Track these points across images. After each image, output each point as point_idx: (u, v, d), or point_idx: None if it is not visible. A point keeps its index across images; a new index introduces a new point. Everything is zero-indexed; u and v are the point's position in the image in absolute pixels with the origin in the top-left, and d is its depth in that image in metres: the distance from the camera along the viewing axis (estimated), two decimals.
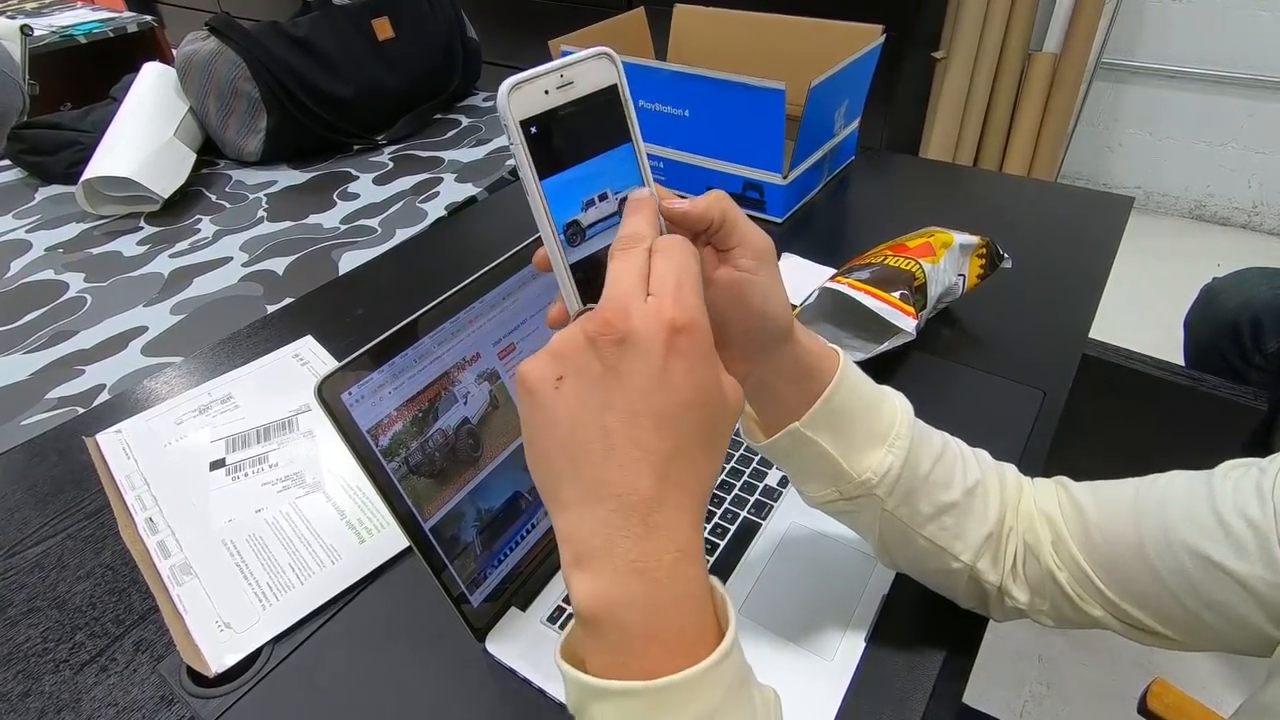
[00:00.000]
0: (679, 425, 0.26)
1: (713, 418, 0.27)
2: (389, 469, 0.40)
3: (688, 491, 0.27)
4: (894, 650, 0.44)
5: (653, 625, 0.26)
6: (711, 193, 0.32)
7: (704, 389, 0.27)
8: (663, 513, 0.26)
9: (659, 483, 0.26)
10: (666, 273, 0.27)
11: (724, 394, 0.28)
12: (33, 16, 1.97)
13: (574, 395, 0.26)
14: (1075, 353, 0.67)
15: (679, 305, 0.26)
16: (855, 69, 0.90)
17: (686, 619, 0.26)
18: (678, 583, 0.26)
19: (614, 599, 0.25)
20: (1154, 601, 0.37)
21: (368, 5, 1.15)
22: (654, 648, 0.25)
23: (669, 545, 0.26)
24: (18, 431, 0.65)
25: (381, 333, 0.39)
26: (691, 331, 0.26)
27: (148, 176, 0.98)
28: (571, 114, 0.29)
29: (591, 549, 0.26)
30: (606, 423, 0.26)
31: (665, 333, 0.26)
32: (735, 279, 0.32)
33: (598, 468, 0.26)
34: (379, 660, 0.46)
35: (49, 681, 0.46)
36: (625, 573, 0.25)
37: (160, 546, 0.53)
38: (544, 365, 0.27)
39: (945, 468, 0.39)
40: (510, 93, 0.27)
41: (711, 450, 0.28)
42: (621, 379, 0.26)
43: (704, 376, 0.27)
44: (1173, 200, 2.25)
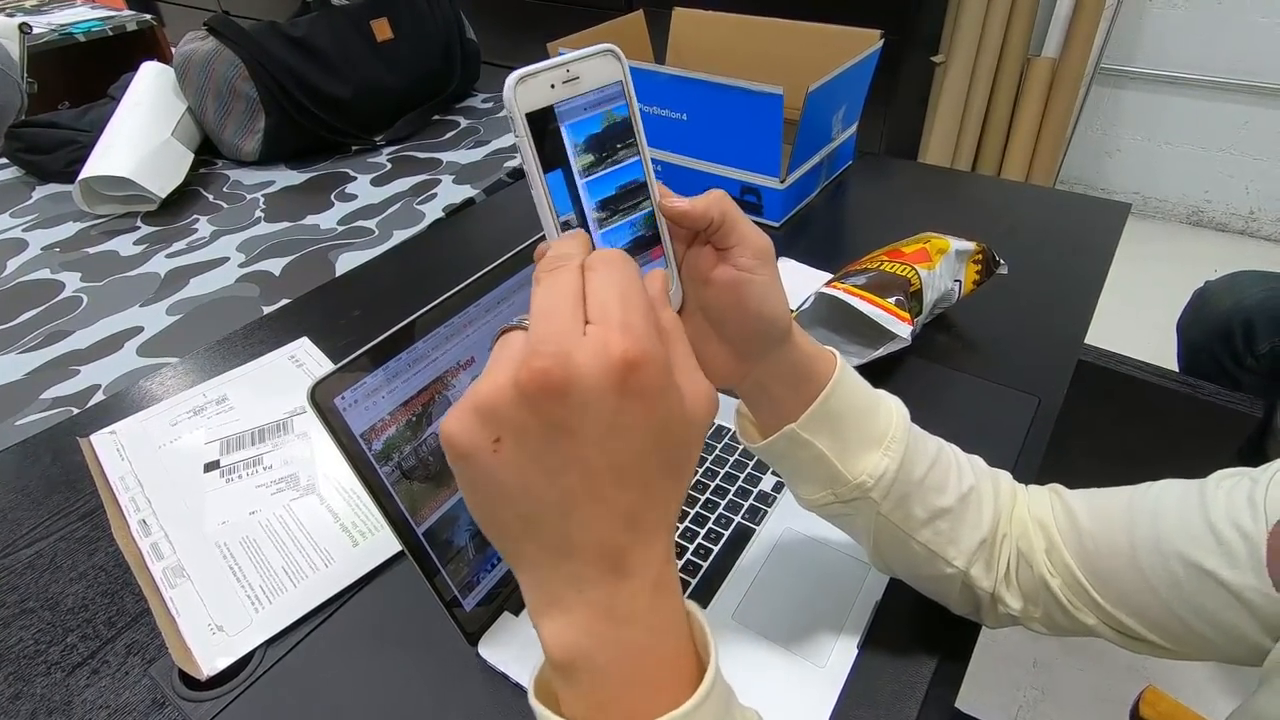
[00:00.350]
0: (642, 469, 0.24)
1: (677, 447, 0.25)
2: (382, 473, 0.40)
3: (657, 527, 0.25)
4: (887, 656, 0.44)
5: (629, 669, 0.24)
6: (712, 192, 0.32)
7: (665, 423, 0.24)
8: (634, 555, 0.24)
9: (626, 530, 0.24)
10: (608, 294, 0.23)
11: (687, 416, 0.25)
12: (32, 14, 1.97)
13: (516, 458, 0.23)
14: (1070, 360, 0.67)
15: (628, 334, 0.22)
16: (853, 74, 0.90)
17: (664, 654, 0.25)
18: (653, 621, 0.25)
19: (587, 645, 0.24)
20: (1146, 610, 0.37)
21: (367, 6, 1.15)
22: (632, 692, 0.24)
23: (642, 586, 0.24)
24: (12, 432, 0.65)
25: (377, 334, 0.39)
26: (645, 365, 0.22)
27: (145, 176, 0.97)
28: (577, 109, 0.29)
29: (560, 598, 0.24)
30: (562, 484, 0.23)
31: (616, 373, 0.22)
32: (734, 278, 0.32)
33: (558, 527, 0.24)
34: (372, 664, 0.46)
35: (40, 684, 0.46)
36: (599, 618, 0.24)
37: (153, 548, 0.53)
38: (473, 426, 0.23)
39: (940, 473, 0.39)
40: (517, 85, 0.27)
41: (679, 475, 0.26)
42: (572, 435, 0.22)
43: (664, 410, 0.24)
44: (1170, 205, 2.26)
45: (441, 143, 1.18)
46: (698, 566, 0.50)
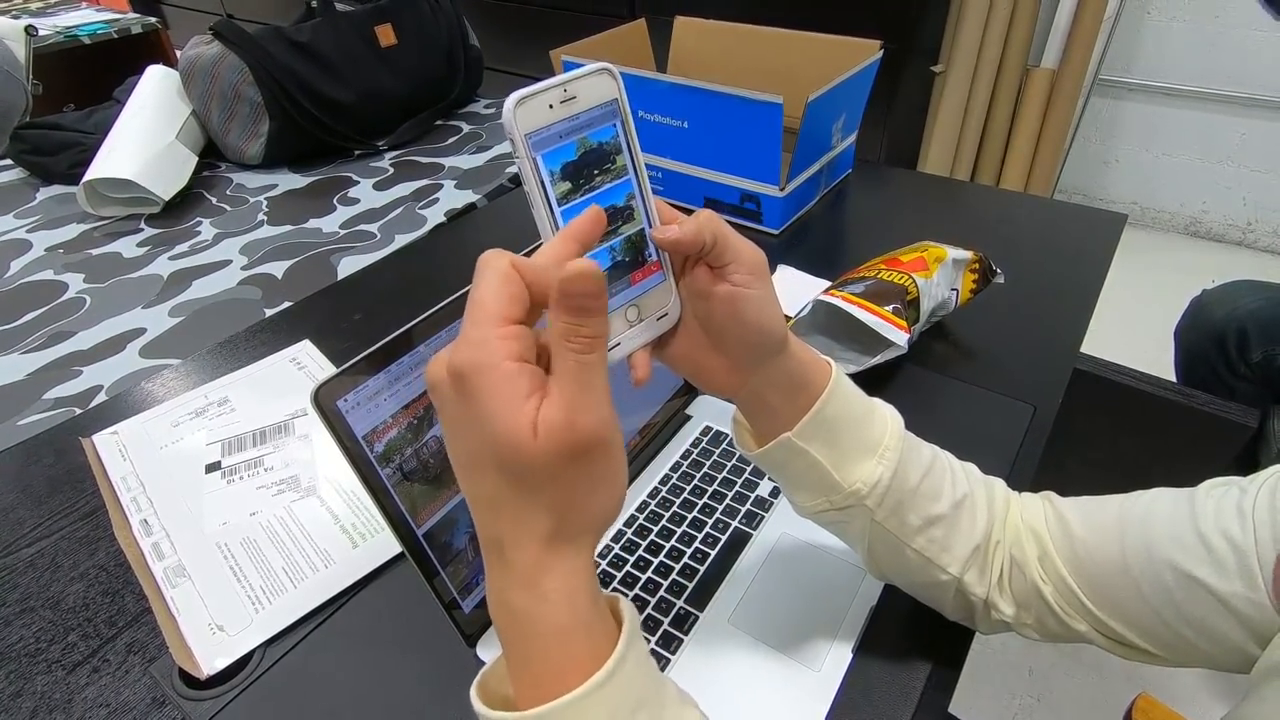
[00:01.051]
0: (483, 466, 0.26)
1: (509, 459, 0.25)
2: (383, 475, 0.41)
3: (523, 532, 0.26)
4: (881, 661, 0.45)
5: (520, 653, 0.27)
6: (701, 214, 0.32)
7: (493, 432, 0.24)
8: (505, 551, 0.27)
9: (494, 522, 0.27)
10: (467, 311, 0.26)
11: (523, 434, 0.24)
12: (37, 16, 1.98)
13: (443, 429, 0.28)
14: (1066, 369, 0.68)
15: (459, 345, 0.25)
16: (853, 84, 0.91)
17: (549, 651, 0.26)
18: (532, 622, 0.26)
19: (496, 622, 0.28)
20: (1137, 617, 0.37)
21: (371, 11, 1.16)
22: (526, 674, 0.27)
23: (517, 584, 0.27)
24: (14, 431, 0.65)
25: (378, 338, 0.40)
26: (468, 373, 0.24)
27: (149, 178, 0.98)
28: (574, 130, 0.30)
29: (487, 570, 0.28)
30: (453, 458, 0.28)
31: (448, 379, 0.25)
32: (730, 294, 0.33)
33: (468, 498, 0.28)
34: (370, 665, 0.46)
35: (41, 682, 0.46)
36: (495, 601, 0.28)
37: (154, 548, 0.53)
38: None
39: (934, 480, 0.40)
40: (516, 107, 0.28)
41: (530, 494, 0.26)
42: (443, 422, 0.27)
43: (491, 418, 0.24)
44: (1168, 216, 2.27)
45: (444, 148, 1.18)
46: (695, 570, 0.50)
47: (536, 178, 0.29)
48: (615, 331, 0.32)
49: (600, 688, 0.26)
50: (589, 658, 0.26)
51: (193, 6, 3.39)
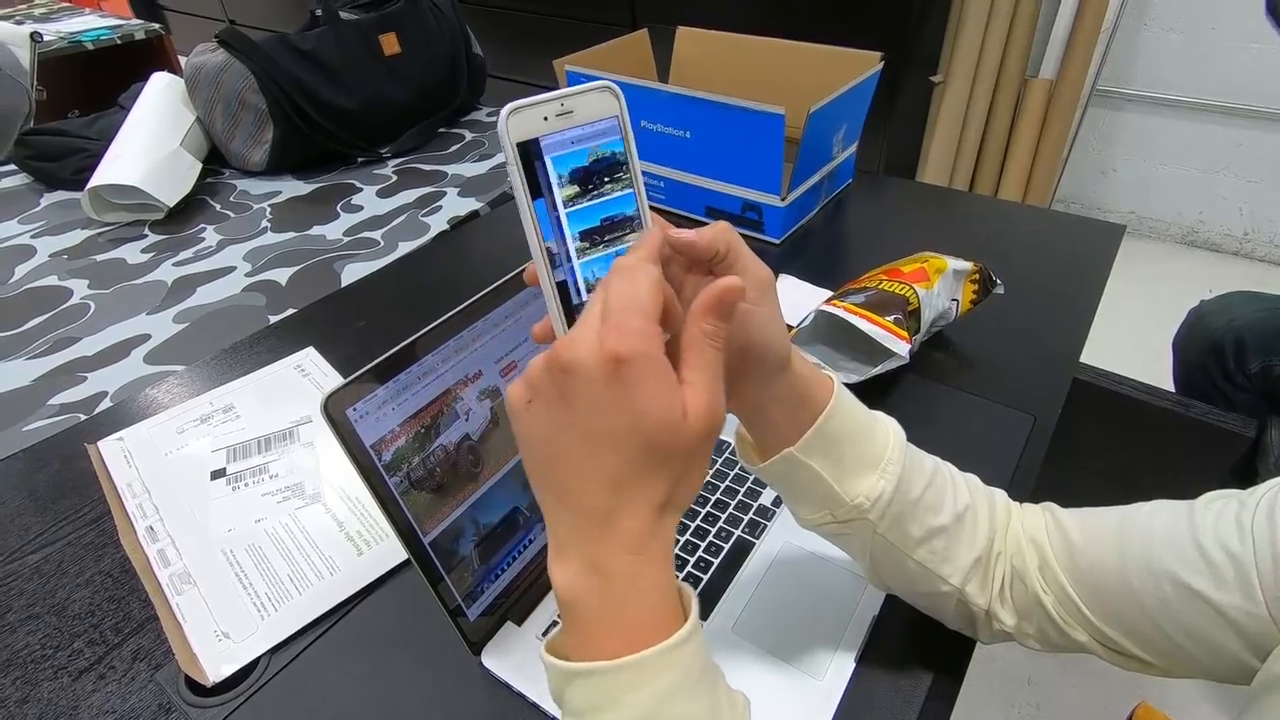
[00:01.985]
0: (624, 447, 0.28)
1: (662, 441, 0.28)
2: (391, 484, 0.41)
3: (640, 502, 0.29)
4: (883, 671, 0.45)
5: (611, 613, 0.29)
6: (718, 224, 0.33)
7: (648, 414, 0.27)
8: (617, 520, 0.29)
9: (610, 495, 0.28)
10: (612, 299, 0.28)
11: (675, 421, 0.28)
12: (41, 22, 1.99)
13: (539, 416, 0.29)
14: (1065, 379, 0.68)
15: (620, 334, 0.27)
16: (854, 95, 0.92)
17: (642, 609, 0.29)
18: (632, 578, 0.29)
19: (579, 589, 0.29)
20: (1136, 628, 0.38)
21: (375, 20, 1.17)
22: (613, 634, 0.29)
23: (622, 546, 0.29)
24: (20, 437, 0.66)
25: (382, 345, 0.40)
26: (632, 360, 0.27)
27: (153, 185, 0.99)
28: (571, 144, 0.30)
29: (564, 543, 0.30)
30: (564, 442, 0.29)
31: (605, 362, 0.27)
32: (738, 312, 0.33)
33: (561, 478, 0.29)
34: (375, 672, 0.46)
35: (47, 688, 0.46)
36: (586, 568, 0.29)
37: (160, 555, 0.54)
38: (519, 388, 0.30)
39: (936, 492, 0.40)
40: (510, 115, 0.29)
41: (665, 468, 0.29)
42: (572, 402, 0.28)
43: (644, 403, 0.27)
44: (1165, 225, 2.28)
45: (447, 155, 1.19)
46: (698, 579, 0.51)
47: (524, 187, 0.30)
48: None
49: (689, 638, 0.29)
50: (677, 613, 0.30)
51: (195, 12, 3.40)
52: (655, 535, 0.29)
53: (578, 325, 0.28)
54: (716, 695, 0.30)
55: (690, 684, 0.29)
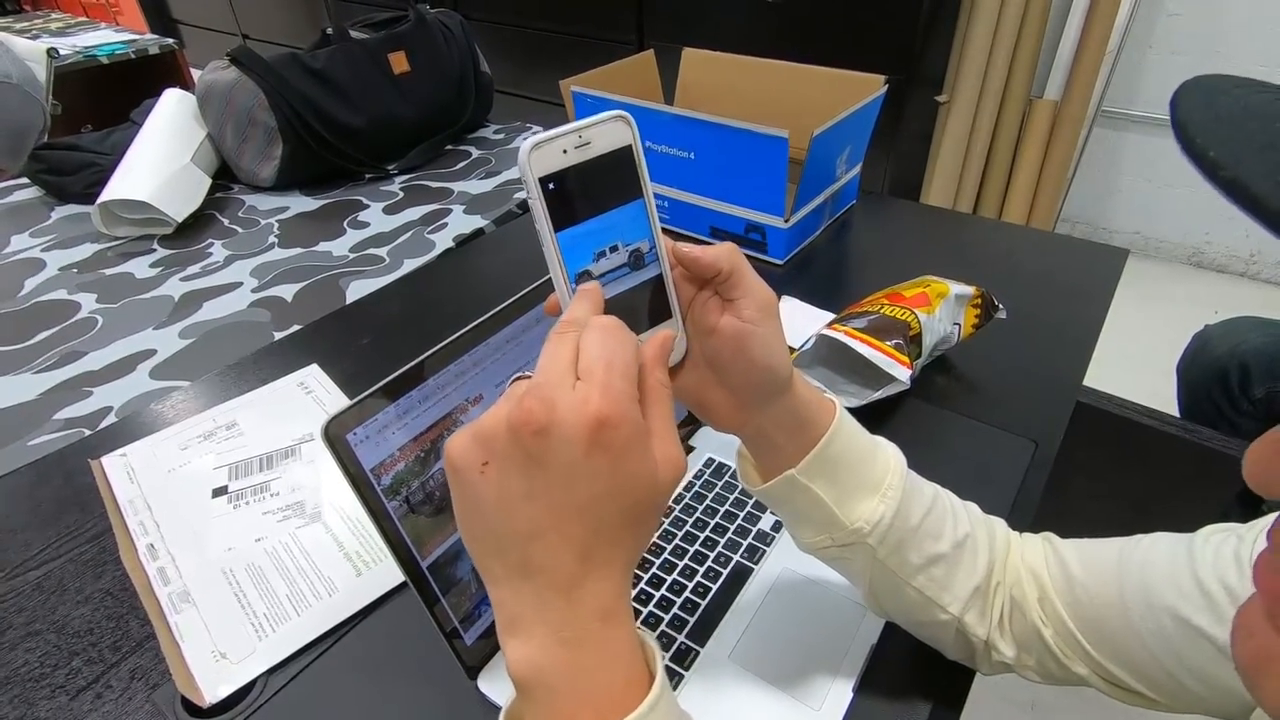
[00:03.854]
0: (601, 512, 0.27)
1: (638, 502, 0.28)
2: (390, 507, 0.41)
3: (610, 566, 0.28)
4: (881, 700, 0.45)
5: (579, 687, 0.27)
6: (724, 245, 0.34)
7: (628, 477, 0.27)
8: (585, 586, 0.27)
9: (581, 563, 0.27)
10: (596, 357, 0.27)
11: (653, 477, 0.28)
12: (57, 36, 2.02)
13: (498, 482, 0.27)
14: (1068, 404, 0.68)
15: (605, 395, 0.26)
16: (857, 118, 0.92)
17: (614, 677, 0.28)
18: (601, 646, 0.28)
19: (543, 664, 0.27)
20: (1136, 662, 0.37)
21: (385, 39, 1.18)
22: (582, 709, 0.27)
23: (591, 614, 0.27)
24: (25, 452, 0.66)
25: (386, 362, 0.41)
26: (617, 424, 0.26)
27: (163, 200, 1.00)
28: (587, 171, 0.31)
29: (522, 618, 0.28)
30: (529, 511, 0.27)
31: (589, 426, 0.26)
32: (738, 329, 0.34)
33: (523, 550, 0.27)
34: (372, 695, 0.46)
35: (44, 707, 0.46)
36: (552, 640, 0.27)
37: (160, 573, 0.54)
38: (469, 448, 0.27)
39: (936, 519, 0.40)
40: (531, 152, 0.29)
41: (637, 528, 0.29)
42: (544, 469, 0.26)
43: (628, 465, 0.27)
44: (1171, 246, 2.28)
45: (453, 173, 1.20)
46: (696, 605, 0.51)
47: (548, 221, 0.30)
48: None
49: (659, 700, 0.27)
50: (644, 673, 0.28)
51: (209, 27, 3.45)
52: (622, 597, 0.29)
53: (545, 383, 0.27)
54: None
55: None
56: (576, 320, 0.29)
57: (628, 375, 0.27)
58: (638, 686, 0.28)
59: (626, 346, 0.28)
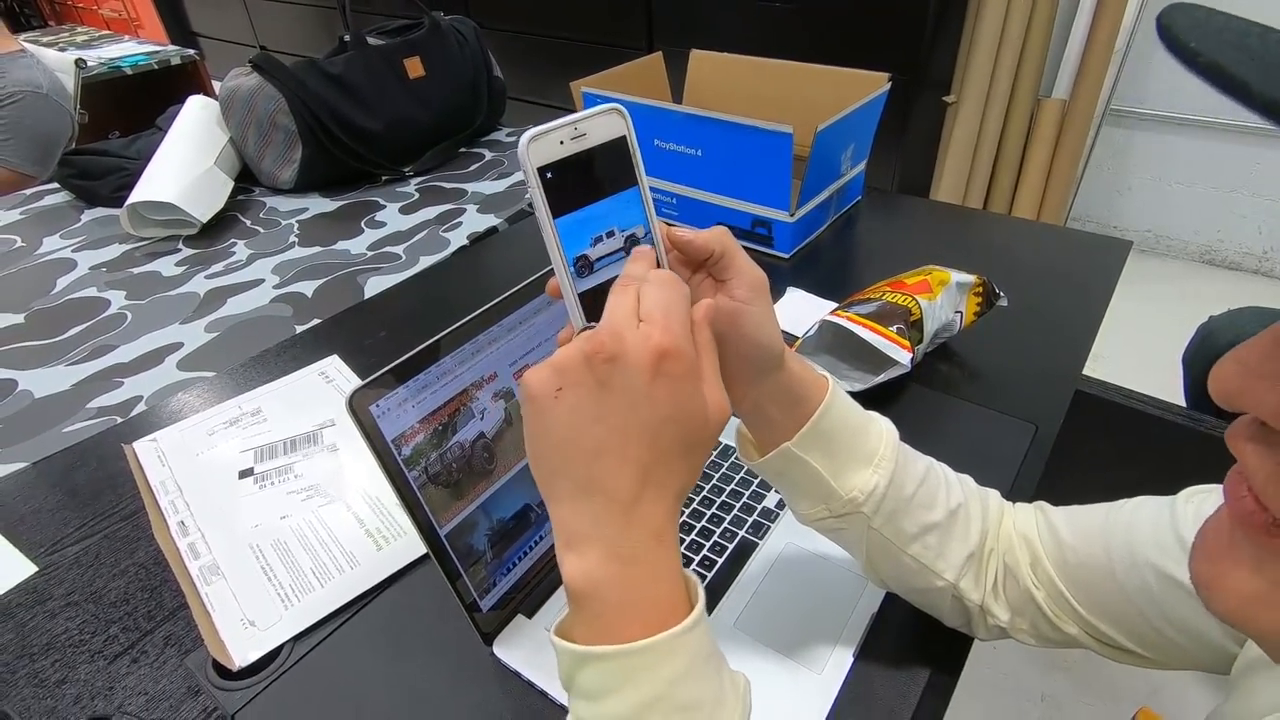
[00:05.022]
0: (659, 436, 0.30)
1: (692, 431, 0.31)
2: (410, 477, 0.44)
3: (665, 489, 0.31)
4: (881, 666, 0.47)
5: (630, 598, 0.30)
6: (716, 228, 0.36)
7: (684, 406, 0.30)
8: (641, 507, 0.30)
9: (640, 484, 0.30)
10: (655, 304, 0.30)
11: (705, 410, 0.31)
12: (84, 48, 2.08)
13: (570, 405, 0.30)
14: (1068, 389, 0.70)
15: (666, 332, 0.29)
16: (861, 114, 0.94)
17: (660, 593, 0.30)
18: (652, 564, 0.30)
19: (598, 577, 0.30)
20: (1123, 619, 0.39)
21: (401, 45, 1.22)
22: (631, 619, 0.30)
23: (645, 533, 0.30)
24: (61, 438, 0.69)
25: (402, 354, 0.43)
26: (676, 356, 0.29)
27: (188, 202, 1.03)
28: (583, 161, 0.33)
29: (581, 535, 0.30)
30: (597, 431, 0.30)
31: (652, 355, 0.29)
32: (730, 308, 0.36)
33: (588, 468, 0.30)
34: (391, 660, 0.49)
35: (84, 670, 0.49)
36: (608, 556, 0.30)
37: (191, 548, 0.56)
38: (546, 376, 0.30)
39: (929, 489, 0.42)
40: (530, 143, 0.31)
41: (689, 458, 0.31)
42: (612, 393, 0.29)
43: (685, 395, 0.30)
44: (1183, 244, 2.27)
45: (467, 174, 1.23)
46: (703, 576, 0.52)
47: (546, 207, 0.32)
48: None
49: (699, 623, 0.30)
50: (686, 598, 0.31)
51: (228, 39, 3.52)
52: (673, 521, 0.31)
53: (613, 323, 0.30)
54: (721, 677, 0.32)
55: (699, 666, 0.30)
56: (636, 275, 0.32)
57: (683, 319, 0.30)
58: (681, 606, 0.31)
59: (682, 296, 0.31)
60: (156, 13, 3.67)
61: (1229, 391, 0.22)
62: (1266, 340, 0.21)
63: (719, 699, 0.31)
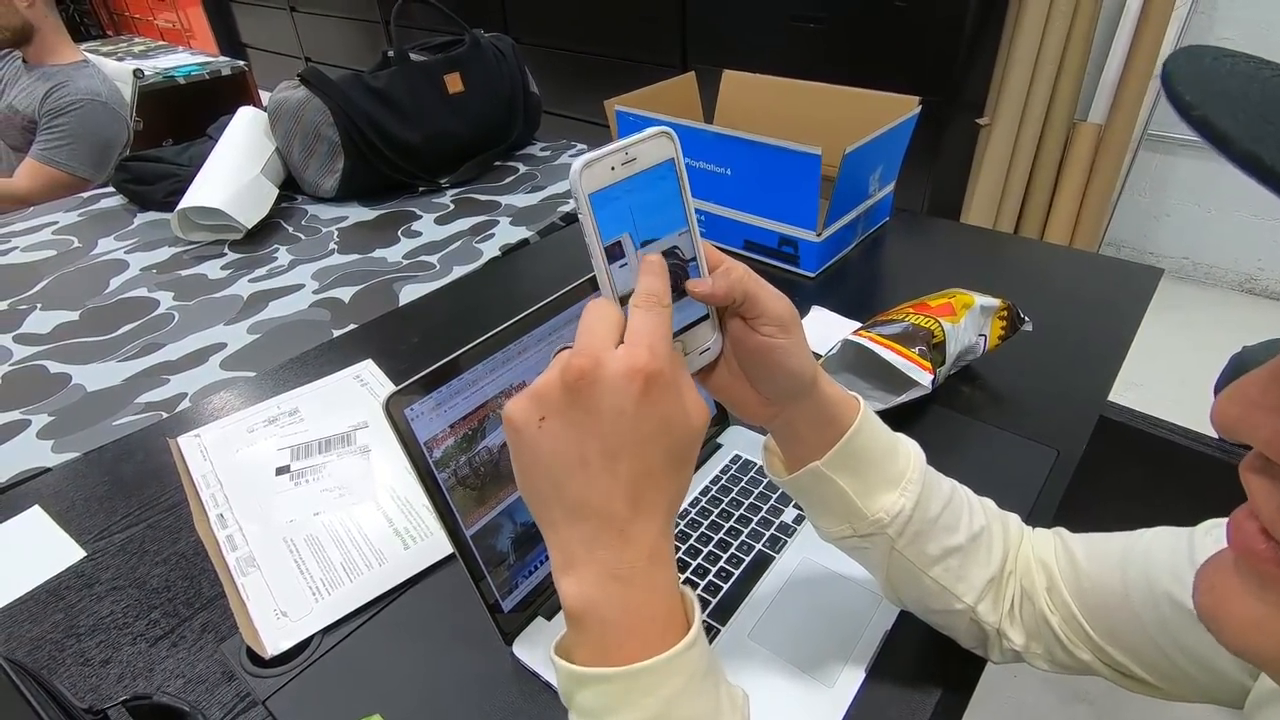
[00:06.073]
0: (646, 453, 0.30)
1: (677, 443, 0.31)
2: (440, 479, 0.45)
3: (656, 507, 0.31)
4: (892, 683, 0.47)
5: (627, 618, 0.31)
6: (734, 271, 0.36)
7: (667, 422, 0.31)
8: (635, 526, 0.31)
9: (632, 502, 0.31)
10: (639, 325, 0.31)
11: (688, 421, 0.31)
12: (140, 59, 2.18)
13: (555, 432, 0.30)
14: (1091, 415, 0.69)
15: (653, 354, 0.30)
16: (890, 137, 0.95)
17: (657, 611, 0.31)
18: (649, 583, 0.31)
19: (596, 598, 0.30)
20: (1137, 648, 0.39)
21: (441, 61, 1.26)
22: (630, 639, 0.30)
23: (641, 553, 0.31)
24: (110, 431, 0.73)
25: (435, 359, 0.45)
26: (658, 375, 0.30)
27: (235, 208, 1.08)
28: (634, 187, 0.33)
29: (577, 558, 0.31)
30: (584, 455, 0.30)
31: (635, 378, 0.29)
32: (761, 344, 0.37)
33: (579, 492, 0.31)
34: (416, 655, 0.50)
35: (127, 652, 0.51)
36: (604, 577, 0.30)
37: (229, 540, 0.59)
38: (526, 406, 0.31)
39: (953, 513, 0.42)
40: (582, 171, 0.31)
41: (679, 472, 0.32)
42: (594, 416, 0.30)
43: (668, 411, 0.31)
44: (1222, 272, 2.23)
45: (501, 187, 1.26)
46: (719, 587, 0.53)
47: (597, 236, 0.32)
48: None
49: (696, 641, 0.31)
50: (682, 615, 0.32)
51: (275, 50, 3.64)
52: (667, 538, 0.32)
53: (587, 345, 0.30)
54: (719, 694, 0.32)
55: (697, 683, 0.31)
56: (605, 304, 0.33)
57: (667, 339, 0.31)
58: (678, 623, 0.31)
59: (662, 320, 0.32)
60: (208, 24, 3.81)
61: (1227, 422, 0.22)
62: (1266, 372, 0.22)
63: (717, 713, 0.32)
